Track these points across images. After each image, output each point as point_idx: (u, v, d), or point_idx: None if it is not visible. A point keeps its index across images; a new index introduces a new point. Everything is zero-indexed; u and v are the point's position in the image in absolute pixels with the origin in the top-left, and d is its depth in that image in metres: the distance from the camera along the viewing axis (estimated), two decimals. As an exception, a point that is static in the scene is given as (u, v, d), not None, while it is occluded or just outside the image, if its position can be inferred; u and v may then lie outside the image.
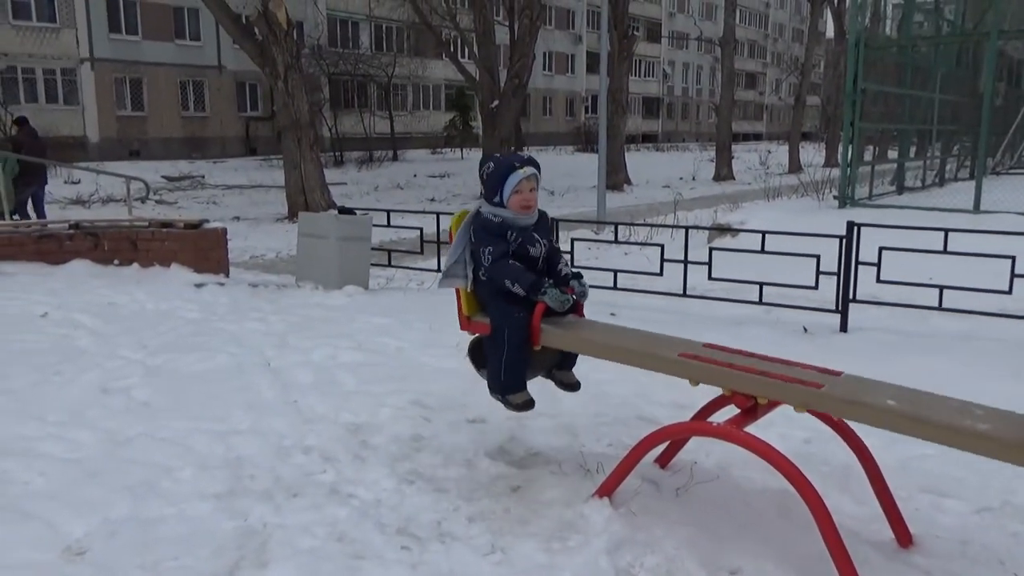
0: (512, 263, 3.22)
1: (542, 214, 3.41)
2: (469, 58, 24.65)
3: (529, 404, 3.30)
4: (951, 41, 16.82)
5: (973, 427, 2.45)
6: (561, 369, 3.53)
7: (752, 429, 2.88)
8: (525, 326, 3.20)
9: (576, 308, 3.39)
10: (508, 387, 3.27)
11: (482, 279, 3.29)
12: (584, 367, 5.02)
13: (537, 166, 3.33)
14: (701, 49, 67.57)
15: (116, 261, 8.13)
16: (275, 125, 29.84)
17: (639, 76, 60.83)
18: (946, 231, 6.35)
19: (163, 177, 25.87)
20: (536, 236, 3.32)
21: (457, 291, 3.40)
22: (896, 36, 17.54)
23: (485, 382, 3.39)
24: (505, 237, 3.24)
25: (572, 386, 3.53)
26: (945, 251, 6.35)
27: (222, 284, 7.88)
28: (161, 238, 8.19)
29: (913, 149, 17.77)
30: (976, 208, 12.04)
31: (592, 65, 53.23)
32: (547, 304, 3.17)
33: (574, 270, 3.43)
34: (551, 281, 3.26)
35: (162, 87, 33.98)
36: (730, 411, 2.99)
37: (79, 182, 22.14)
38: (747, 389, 2.83)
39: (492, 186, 3.27)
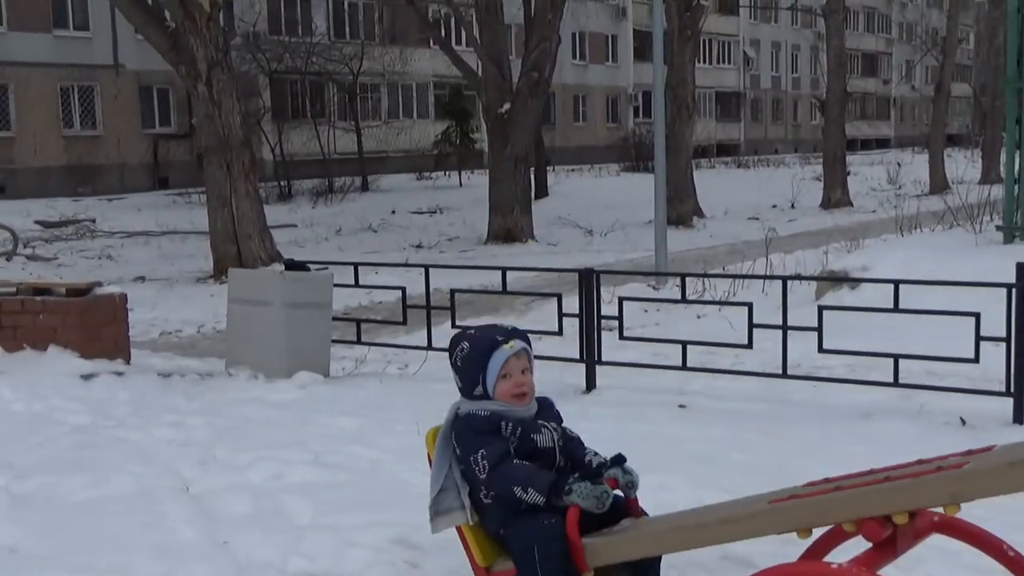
0: (518, 463, 3.31)
1: (543, 401, 3.55)
2: (468, 45, 25.11)
3: None
4: None
5: None
6: None
7: (891, 571, 2.85)
8: (559, 539, 3.19)
9: (629, 508, 3.41)
10: None
11: (486, 503, 3.39)
12: (644, 482, 5.01)
13: (526, 338, 3.50)
14: (797, 22, 68.43)
15: (-30, 344, 8.20)
16: (195, 145, 30.36)
17: (710, 63, 61.61)
18: None
19: (37, 223, 26.25)
20: (539, 423, 3.45)
21: (461, 534, 3.47)
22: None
23: None
24: (500, 433, 3.36)
25: None
26: None
27: (120, 374, 7.93)
28: (34, 310, 8.28)
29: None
30: None
31: (642, 49, 54.02)
32: (580, 506, 3.19)
33: (612, 455, 3.47)
34: (577, 475, 3.31)
35: (36, 96, 34.63)
36: (858, 545, 2.96)
37: (-82, 232, 22.48)
38: (870, 509, 2.82)
39: (470, 374, 3.45)
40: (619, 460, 3.41)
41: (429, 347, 8.68)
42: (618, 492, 3.34)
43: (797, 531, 2.95)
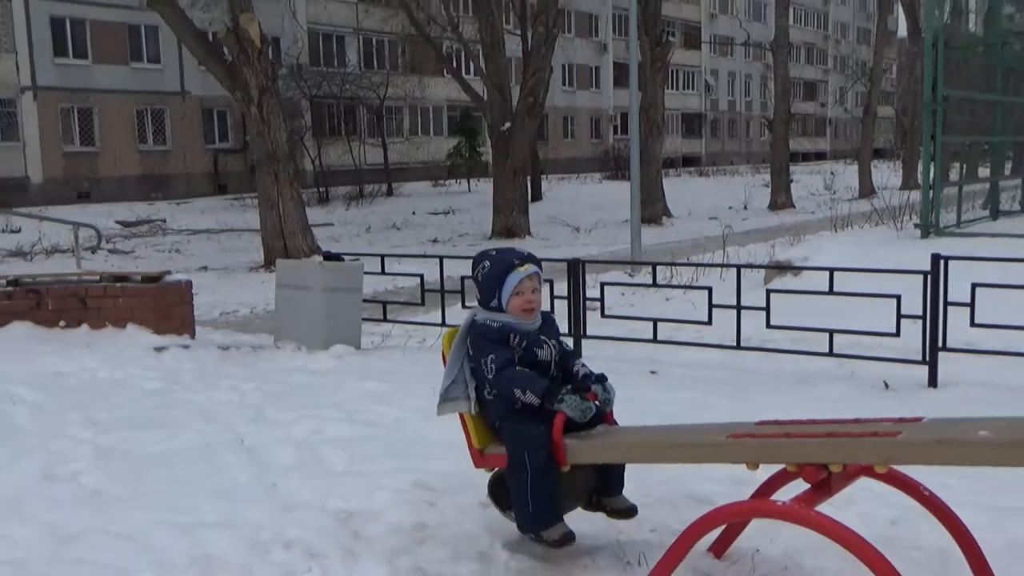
0: (520, 369, 3.34)
1: (547, 317, 3.55)
2: (475, 74, 25.02)
3: (568, 538, 3.31)
4: (1048, 37, 16.91)
5: None
6: (608, 495, 3.54)
7: (826, 508, 2.84)
8: (546, 443, 3.25)
9: (604, 417, 3.46)
10: (539, 521, 3.29)
11: (488, 398, 3.40)
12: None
13: (538, 263, 3.49)
14: (749, 55, 68.23)
15: (62, 322, 8.20)
16: (248, 158, 30.35)
17: (677, 89, 61.45)
18: (1052, 262, 6.32)
19: (117, 222, 26.23)
20: (542, 338, 3.45)
21: (463, 421, 3.49)
22: (983, 33, 17.69)
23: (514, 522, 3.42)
24: (508, 343, 3.37)
25: (626, 512, 3.54)
26: (1052, 286, 6.30)
27: (187, 347, 7.93)
28: (115, 294, 8.28)
29: (1008, 165, 17.78)
30: (1088, 234, 11.98)
31: (620, 78, 53.78)
32: (567, 414, 3.24)
33: (596, 372, 3.51)
34: (569, 387, 3.34)
35: (116, 118, 34.62)
36: (799, 486, 2.96)
37: (19, 230, 22.47)
38: (813, 457, 2.81)
39: (488, 288, 3.44)
40: (601, 379, 3.45)
41: (443, 324, 8.67)
42: (597, 403, 3.38)
43: (747, 464, 2.94)
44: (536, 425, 3.26)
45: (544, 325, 3.51)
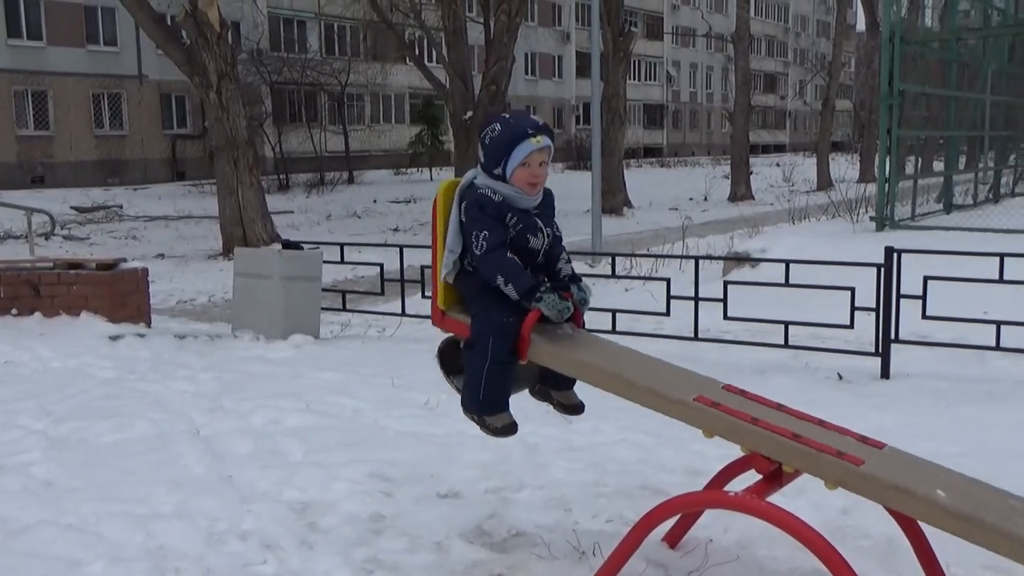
0: (509, 257, 3.14)
1: (547, 193, 3.32)
2: (437, 62, 24.90)
3: (511, 428, 3.27)
4: (1003, 33, 17.17)
5: None
6: (559, 388, 3.46)
7: (777, 498, 2.88)
8: (513, 336, 3.13)
9: (574, 317, 3.29)
10: (487, 407, 3.23)
11: (467, 269, 3.24)
12: (580, 427, 5.01)
13: (552, 135, 3.24)
14: (711, 47, 68.64)
15: (14, 310, 8.08)
16: (207, 144, 29.98)
17: (638, 80, 61.67)
18: (1002, 256, 6.43)
19: (73, 208, 25.82)
20: (539, 223, 3.25)
21: (434, 276, 3.34)
22: (938, 28, 17.92)
23: (458, 400, 3.35)
24: (504, 221, 3.16)
25: (574, 408, 3.47)
26: (1002, 280, 6.42)
27: (142, 336, 7.83)
28: (69, 281, 8.16)
29: (962, 160, 18.05)
30: (1038, 228, 12.18)
31: (583, 68, 53.85)
32: (542, 312, 3.12)
33: (573, 272, 3.37)
34: (548, 284, 3.19)
35: (71, 101, 34.06)
36: (752, 476, 2.99)
37: (-30, 216, 22.03)
38: (772, 453, 2.83)
39: (495, 154, 3.17)
40: (576, 279, 3.33)
41: (403, 313, 8.66)
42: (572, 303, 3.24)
43: (704, 430, 2.94)
44: (507, 314, 3.13)
45: (544, 203, 3.29)
